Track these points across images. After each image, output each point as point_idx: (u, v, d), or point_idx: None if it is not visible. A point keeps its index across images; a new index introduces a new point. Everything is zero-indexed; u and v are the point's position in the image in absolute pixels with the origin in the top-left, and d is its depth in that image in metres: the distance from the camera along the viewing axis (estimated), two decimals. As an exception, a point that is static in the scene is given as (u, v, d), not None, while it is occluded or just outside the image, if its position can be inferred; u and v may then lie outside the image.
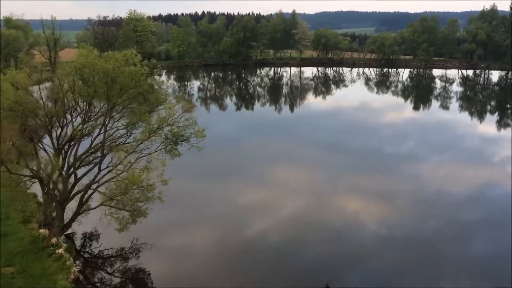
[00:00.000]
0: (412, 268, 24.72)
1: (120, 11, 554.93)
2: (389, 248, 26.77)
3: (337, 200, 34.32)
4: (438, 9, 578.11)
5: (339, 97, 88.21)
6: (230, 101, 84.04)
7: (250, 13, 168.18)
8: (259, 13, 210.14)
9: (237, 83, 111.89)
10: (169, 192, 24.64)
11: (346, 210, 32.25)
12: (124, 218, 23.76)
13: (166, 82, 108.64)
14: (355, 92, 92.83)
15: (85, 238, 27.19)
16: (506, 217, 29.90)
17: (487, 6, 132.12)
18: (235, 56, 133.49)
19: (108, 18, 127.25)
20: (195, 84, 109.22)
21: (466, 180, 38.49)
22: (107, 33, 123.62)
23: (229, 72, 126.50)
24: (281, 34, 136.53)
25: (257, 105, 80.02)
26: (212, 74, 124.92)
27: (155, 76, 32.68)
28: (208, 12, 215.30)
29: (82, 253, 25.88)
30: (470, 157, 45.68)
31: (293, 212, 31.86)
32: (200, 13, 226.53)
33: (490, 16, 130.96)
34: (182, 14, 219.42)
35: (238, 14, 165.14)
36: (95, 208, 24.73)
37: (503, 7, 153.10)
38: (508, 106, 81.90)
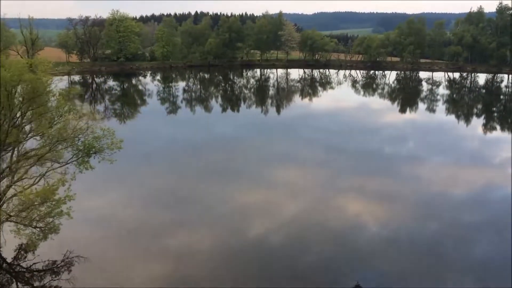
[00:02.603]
0: (414, 270, 24.31)
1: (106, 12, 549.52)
2: (391, 249, 26.35)
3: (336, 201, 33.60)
4: (436, 10, 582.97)
5: (326, 99, 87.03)
6: (216, 103, 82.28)
7: (244, 13, 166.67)
8: (246, 13, 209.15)
9: (223, 84, 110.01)
10: (164, 194, 22.78)
11: (347, 211, 31.65)
12: (34, 234, 22.56)
13: (151, 83, 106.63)
14: (341, 95, 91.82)
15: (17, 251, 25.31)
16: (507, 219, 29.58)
17: (474, 8, 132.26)
18: (221, 57, 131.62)
19: (90, 18, 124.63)
20: (181, 85, 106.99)
21: (450, 180, 37.28)
22: (89, 34, 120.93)
23: (216, 73, 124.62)
24: (267, 35, 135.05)
25: (246, 107, 78.33)
26: (198, 75, 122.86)
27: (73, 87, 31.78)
28: (201, 12, 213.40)
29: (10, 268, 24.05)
30: (457, 158, 44.79)
31: (294, 213, 31.17)
32: (193, 13, 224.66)
33: (476, 18, 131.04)
34: (176, 14, 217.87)
35: (225, 14, 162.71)
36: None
37: (490, 8, 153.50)
38: (495, 109, 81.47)
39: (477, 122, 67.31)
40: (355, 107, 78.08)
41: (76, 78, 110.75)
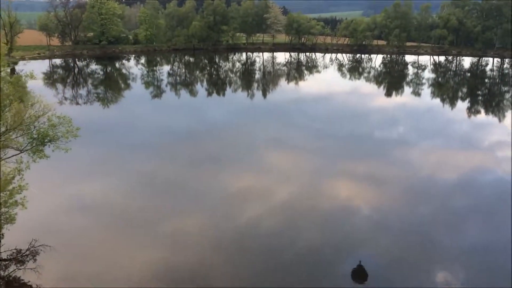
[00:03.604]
0: (404, 254, 24.25)
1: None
2: (381, 234, 26.23)
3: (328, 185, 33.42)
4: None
5: (312, 83, 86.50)
6: (202, 88, 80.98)
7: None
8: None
9: (208, 68, 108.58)
10: (151, 180, 22.75)
11: (338, 196, 31.44)
12: None
13: (135, 66, 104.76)
14: (327, 79, 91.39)
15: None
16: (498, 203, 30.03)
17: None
18: (205, 41, 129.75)
19: (71, 0, 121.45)
20: (165, 69, 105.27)
21: (440, 164, 37.23)
22: (70, 16, 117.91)
23: (201, 57, 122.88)
24: (252, 18, 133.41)
25: (232, 91, 77.44)
26: (183, 59, 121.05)
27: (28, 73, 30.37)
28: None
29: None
30: (446, 141, 44.60)
31: (285, 198, 30.81)
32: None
33: (462, 1, 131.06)
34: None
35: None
36: None
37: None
38: (479, 92, 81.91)
39: (464, 106, 67.54)
40: (342, 91, 77.73)
41: (58, 61, 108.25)
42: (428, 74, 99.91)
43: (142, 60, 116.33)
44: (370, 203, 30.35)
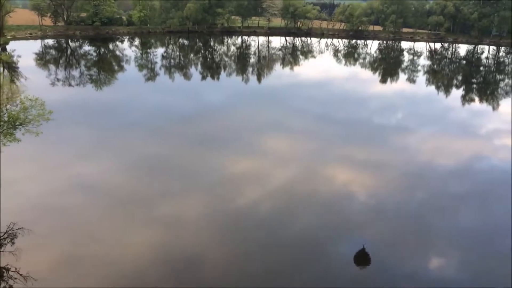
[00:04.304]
0: (401, 239, 24.43)
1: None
2: (378, 219, 26.36)
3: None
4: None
5: (308, 69, 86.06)
6: (197, 71, 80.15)
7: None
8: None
9: (203, 51, 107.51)
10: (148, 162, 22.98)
11: (336, 181, 31.48)
12: None
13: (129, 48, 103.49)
14: (323, 64, 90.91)
15: None
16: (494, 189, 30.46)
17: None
18: (200, 23, 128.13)
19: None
20: (159, 51, 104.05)
21: (438, 151, 37.29)
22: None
23: (196, 40, 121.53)
24: (248, 1, 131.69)
25: (227, 75, 76.62)
26: (177, 42, 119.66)
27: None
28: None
29: None
30: (444, 128, 44.63)
31: (283, 182, 30.76)
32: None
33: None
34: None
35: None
36: None
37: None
38: (474, 80, 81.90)
39: (459, 94, 67.49)
40: (337, 77, 77.39)
41: (50, 42, 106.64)
42: (423, 61, 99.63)
43: (136, 42, 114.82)
44: (368, 187, 30.42)
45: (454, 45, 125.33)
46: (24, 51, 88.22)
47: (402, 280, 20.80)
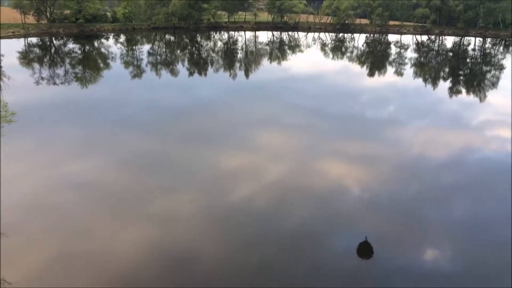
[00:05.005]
0: (395, 232, 24.17)
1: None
2: (372, 212, 26.06)
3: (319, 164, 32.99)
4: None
5: (296, 63, 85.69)
6: (184, 67, 79.28)
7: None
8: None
9: (190, 47, 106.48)
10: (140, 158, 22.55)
11: (329, 175, 31.08)
12: None
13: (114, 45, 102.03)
14: (311, 58, 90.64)
15: None
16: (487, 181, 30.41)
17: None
18: (186, 19, 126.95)
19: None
20: (145, 48, 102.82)
21: (430, 143, 37.24)
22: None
23: (182, 36, 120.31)
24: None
25: (214, 70, 75.89)
26: (164, 38, 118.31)
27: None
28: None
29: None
30: (436, 121, 44.50)
31: (276, 177, 30.30)
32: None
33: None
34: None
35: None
36: None
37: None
38: (461, 72, 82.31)
39: (447, 86, 67.70)
40: (327, 71, 77.14)
41: (34, 40, 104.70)
42: (410, 54, 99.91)
43: (122, 39, 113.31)
44: (361, 180, 30.15)
45: (440, 37, 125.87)
46: (7, 50, 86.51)
47: (397, 273, 20.55)
